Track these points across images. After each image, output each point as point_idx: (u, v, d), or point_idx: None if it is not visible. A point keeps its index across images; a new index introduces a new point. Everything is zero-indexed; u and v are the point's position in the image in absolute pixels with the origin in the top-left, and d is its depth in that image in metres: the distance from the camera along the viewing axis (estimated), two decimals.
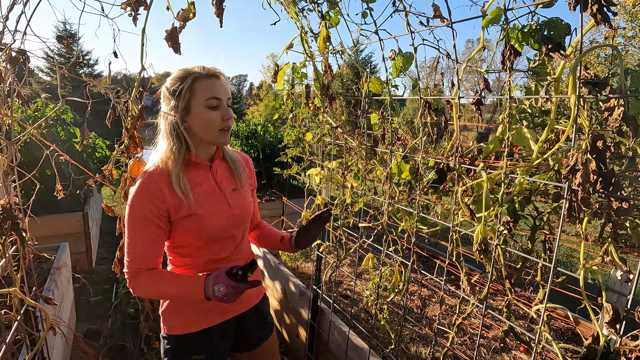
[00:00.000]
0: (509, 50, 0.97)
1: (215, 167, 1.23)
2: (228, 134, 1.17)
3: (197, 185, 1.17)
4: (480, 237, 1.04)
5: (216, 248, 1.21)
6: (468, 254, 1.66)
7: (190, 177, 1.16)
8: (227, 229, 1.20)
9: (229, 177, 1.27)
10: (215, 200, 1.18)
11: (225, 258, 1.24)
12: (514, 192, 1.16)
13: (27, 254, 1.29)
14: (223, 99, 1.13)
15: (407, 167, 1.41)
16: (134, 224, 1.08)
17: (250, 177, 1.36)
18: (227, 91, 1.16)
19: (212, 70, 1.14)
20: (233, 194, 1.24)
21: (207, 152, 1.21)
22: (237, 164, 1.29)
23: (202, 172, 1.20)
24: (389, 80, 1.51)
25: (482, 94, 1.11)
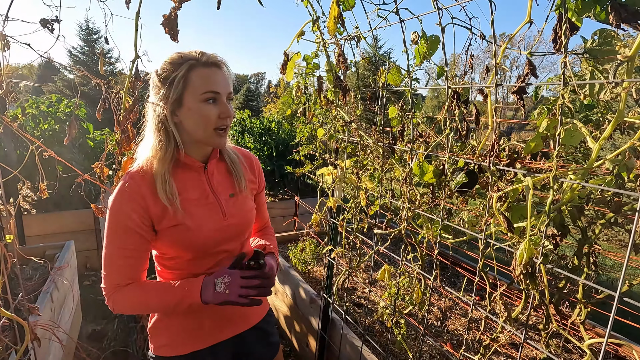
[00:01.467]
0: (565, 23, 0.77)
1: (211, 168, 1.06)
2: (224, 135, 1.00)
3: (187, 190, 1.01)
4: (525, 257, 0.85)
5: (209, 262, 1.04)
6: (501, 267, 1.46)
7: (180, 180, 1.00)
8: (220, 241, 1.03)
9: (227, 181, 1.09)
10: (207, 209, 1.02)
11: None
12: (563, 199, 0.95)
13: (8, 258, 1.17)
14: (222, 92, 0.96)
15: (431, 168, 1.22)
16: (113, 233, 0.94)
17: (254, 178, 1.18)
18: (228, 84, 0.99)
19: (213, 57, 0.98)
20: (230, 200, 1.07)
21: (201, 151, 1.05)
22: (236, 165, 1.11)
23: (194, 174, 1.04)
24: (410, 68, 1.32)
25: (525, 80, 0.91)
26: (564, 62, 0.78)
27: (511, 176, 1.10)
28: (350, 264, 1.93)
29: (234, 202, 1.07)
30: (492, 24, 0.92)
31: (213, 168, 1.07)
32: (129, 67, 1.36)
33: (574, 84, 0.78)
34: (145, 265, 1.00)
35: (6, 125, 1.28)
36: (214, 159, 1.08)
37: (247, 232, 1.13)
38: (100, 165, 1.33)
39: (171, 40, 1.37)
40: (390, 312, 1.74)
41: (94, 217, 3.64)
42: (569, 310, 2.18)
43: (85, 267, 3.69)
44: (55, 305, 1.96)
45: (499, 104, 1.01)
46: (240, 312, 1.12)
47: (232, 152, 1.14)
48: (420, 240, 1.64)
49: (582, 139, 1.01)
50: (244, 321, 1.14)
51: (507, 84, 0.97)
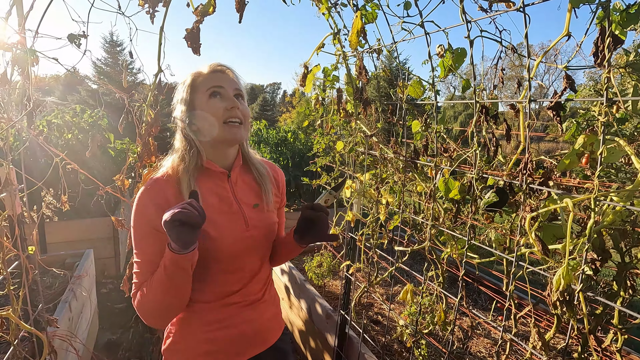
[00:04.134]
0: (608, 37, 0.72)
1: (234, 176, 1.04)
2: (238, 128, 0.96)
3: (211, 196, 0.98)
4: (562, 283, 0.79)
5: (228, 277, 1.00)
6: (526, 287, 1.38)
7: (203, 187, 0.98)
8: (241, 253, 1.00)
9: (252, 191, 1.06)
10: (230, 217, 0.99)
11: (239, 291, 1.03)
12: (603, 222, 0.89)
13: (30, 270, 1.18)
14: (226, 87, 0.98)
15: (457, 185, 1.17)
16: (137, 235, 0.92)
17: (279, 192, 1.15)
18: (234, 82, 1.00)
19: (214, 65, 1.02)
20: (254, 211, 1.03)
21: (224, 157, 1.02)
22: (264, 178, 1.08)
23: (217, 181, 1.01)
24: (435, 81, 1.29)
25: (562, 94, 0.86)
26: (607, 77, 0.74)
27: (544, 196, 1.05)
28: (369, 280, 1.87)
29: (259, 214, 1.04)
30: (526, 37, 0.88)
31: (237, 177, 1.05)
32: (152, 81, 1.38)
33: (619, 100, 0.73)
34: None
35: (32, 137, 1.31)
36: (238, 167, 1.05)
37: (268, 246, 1.09)
38: (122, 177, 1.33)
39: (193, 53, 1.38)
40: (411, 331, 1.67)
41: (113, 225, 3.69)
42: (601, 334, 2.06)
43: (102, 275, 3.74)
44: (73, 314, 1.98)
45: (532, 119, 0.96)
46: (259, 333, 1.07)
47: (259, 164, 1.11)
48: (442, 257, 1.58)
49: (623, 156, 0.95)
50: (262, 342, 1.09)
51: (540, 99, 0.93)
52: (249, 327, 1.04)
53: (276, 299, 1.18)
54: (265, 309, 1.09)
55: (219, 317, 1.01)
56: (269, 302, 1.12)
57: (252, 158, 1.10)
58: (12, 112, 1.21)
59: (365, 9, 1.43)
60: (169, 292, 0.86)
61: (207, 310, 1.00)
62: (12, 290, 1.11)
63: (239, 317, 1.03)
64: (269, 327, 1.11)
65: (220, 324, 1.00)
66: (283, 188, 1.16)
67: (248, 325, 1.04)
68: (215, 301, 1.01)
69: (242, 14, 1.27)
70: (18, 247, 1.16)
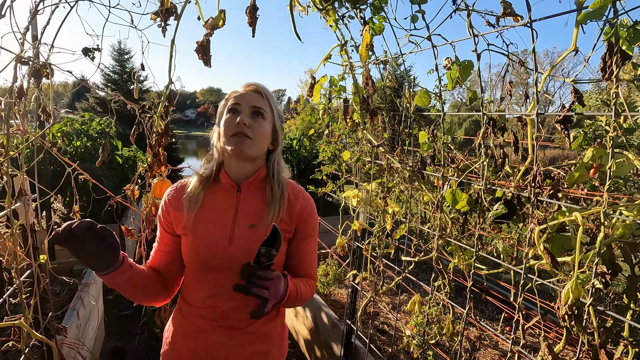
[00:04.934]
0: (616, 53, 0.73)
1: (245, 192, 1.03)
2: (241, 140, 0.96)
3: (212, 205, 1.02)
4: (571, 297, 0.79)
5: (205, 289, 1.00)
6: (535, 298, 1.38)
7: (212, 195, 1.03)
8: (220, 267, 0.97)
9: (257, 210, 1.01)
10: (217, 229, 0.98)
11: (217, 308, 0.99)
12: (613, 235, 0.89)
13: (41, 279, 1.20)
14: (242, 104, 1.00)
15: (464, 197, 1.17)
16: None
17: (290, 221, 1.03)
18: (255, 100, 1.01)
19: (246, 84, 1.06)
20: (247, 230, 0.99)
21: (239, 170, 1.03)
22: (274, 200, 1.01)
23: (225, 193, 1.03)
24: (442, 92, 1.30)
25: (570, 108, 0.87)
26: (615, 93, 0.74)
27: (554, 208, 1.05)
28: (375, 290, 1.87)
29: (249, 234, 0.98)
30: (534, 52, 0.89)
31: (248, 193, 1.03)
32: (163, 92, 1.40)
33: (629, 115, 0.73)
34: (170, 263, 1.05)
35: (41, 144, 1.33)
36: (254, 182, 1.04)
37: None
38: (132, 187, 1.35)
39: (204, 65, 1.41)
40: (418, 342, 1.66)
41: (120, 232, 3.72)
42: (611, 347, 2.03)
43: None
44: (80, 322, 1.99)
45: (540, 131, 0.97)
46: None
47: (280, 185, 1.04)
48: (450, 267, 1.58)
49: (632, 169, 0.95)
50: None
51: (549, 113, 0.93)
52: (220, 351, 0.99)
53: (272, 337, 1.06)
54: (245, 341, 1.01)
55: (195, 327, 1.01)
56: (256, 337, 1.03)
57: (276, 177, 1.05)
58: (27, 123, 1.24)
59: (372, 21, 1.45)
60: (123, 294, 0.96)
61: (193, 316, 1.02)
62: (24, 299, 1.12)
63: (212, 336, 1.00)
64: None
65: (197, 334, 1.00)
66: (299, 217, 1.04)
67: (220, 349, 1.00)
68: (198, 307, 1.01)
69: (254, 28, 1.30)
70: (30, 256, 1.18)
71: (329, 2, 1.46)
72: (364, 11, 1.46)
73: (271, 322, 1.06)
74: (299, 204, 1.04)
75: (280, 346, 1.10)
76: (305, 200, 1.06)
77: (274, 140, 1.06)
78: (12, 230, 1.11)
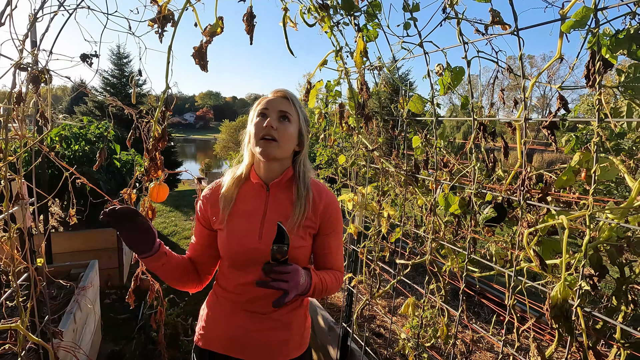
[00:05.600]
0: (598, 61, 0.75)
1: (273, 191, 1.11)
2: (269, 144, 1.04)
3: (244, 203, 1.10)
4: (559, 299, 0.81)
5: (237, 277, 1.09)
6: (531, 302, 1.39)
7: (244, 194, 1.12)
8: (250, 260, 1.05)
9: (284, 209, 1.09)
10: (248, 225, 1.08)
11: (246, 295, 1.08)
12: (600, 238, 0.91)
13: (38, 282, 1.21)
14: (270, 108, 1.07)
15: (456, 200, 1.19)
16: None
17: (315, 217, 1.11)
18: (282, 105, 1.09)
19: (275, 90, 1.14)
20: (274, 226, 1.02)
21: (268, 171, 1.11)
22: (300, 199, 1.08)
23: (255, 192, 1.12)
24: (434, 98, 1.32)
25: (557, 114, 0.89)
26: (598, 100, 0.76)
27: (543, 211, 1.07)
28: (371, 292, 1.88)
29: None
30: (521, 59, 0.91)
31: (276, 192, 1.11)
32: (160, 97, 1.42)
33: (611, 121, 0.76)
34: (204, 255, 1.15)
35: (39, 149, 1.35)
36: (282, 182, 1.12)
37: None
38: (129, 191, 1.37)
39: (201, 70, 1.43)
40: (413, 345, 1.68)
41: (117, 236, 3.72)
42: (605, 349, 2.04)
43: (106, 285, 3.75)
44: (77, 326, 1.99)
45: (528, 137, 0.99)
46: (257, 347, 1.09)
47: (305, 185, 1.11)
48: (444, 270, 1.59)
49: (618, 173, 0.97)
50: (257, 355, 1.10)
51: (537, 119, 0.96)
52: (244, 334, 1.09)
53: (292, 326, 1.13)
54: (268, 327, 1.09)
55: (225, 309, 1.12)
56: (278, 324, 1.10)
57: (302, 177, 1.12)
58: (25, 128, 1.25)
59: (367, 28, 1.47)
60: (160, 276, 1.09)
61: (225, 299, 1.13)
62: (20, 302, 1.13)
63: (239, 319, 1.10)
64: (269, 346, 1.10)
65: (226, 317, 1.11)
66: (323, 215, 1.11)
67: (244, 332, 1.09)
68: (229, 292, 1.11)
69: (252, 35, 1.32)
70: (27, 259, 1.19)
71: (324, 10, 1.48)
72: (358, 18, 1.49)
73: (293, 311, 1.14)
74: (323, 203, 1.11)
75: (302, 335, 1.16)
76: (328, 199, 1.13)
77: (300, 143, 1.13)
78: (9, 234, 1.13)
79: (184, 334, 2.75)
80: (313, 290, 1.02)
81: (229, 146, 23.92)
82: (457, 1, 1.04)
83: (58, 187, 1.29)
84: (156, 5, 1.32)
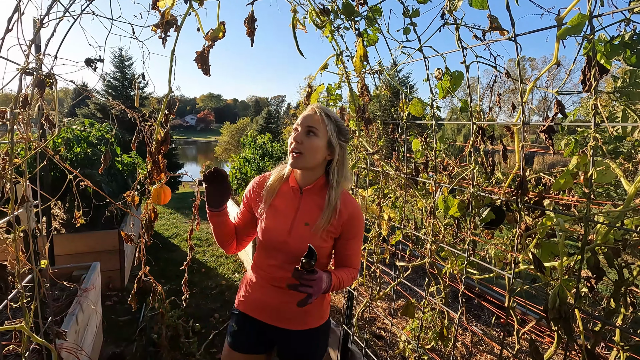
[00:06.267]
0: (594, 66, 0.77)
1: (306, 195, 1.28)
2: (297, 157, 1.21)
3: (281, 199, 1.29)
4: (557, 301, 0.82)
5: (274, 258, 1.26)
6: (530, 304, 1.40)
7: (282, 193, 1.30)
8: (277, 251, 1.25)
9: (314, 212, 1.26)
10: (281, 219, 1.26)
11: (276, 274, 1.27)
12: (596, 240, 0.92)
13: (42, 284, 1.22)
14: (301, 124, 1.23)
15: (456, 202, 1.21)
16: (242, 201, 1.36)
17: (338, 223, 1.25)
18: (311, 121, 1.22)
19: (311, 106, 1.28)
20: (302, 227, 1.25)
21: (302, 177, 1.28)
22: (328, 206, 1.23)
23: (291, 194, 1.30)
24: (433, 101, 1.34)
25: (554, 119, 0.90)
26: (594, 105, 0.78)
27: (539, 213, 1.08)
28: (371, 295, 1.89)
29: (304, 231, 1.23)
30: (518, 64, 0.92)
31: (308, 196, 1.28)
32: (163, 100, 1.44)
33: (607, 125, 0.77)
34: (246, 231, 1.37)
35: (43, 151, 1.37)
36: (315, 188, 1.27)
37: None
38: (132, 194, 1.38)
39: (203, 74, 1.45)
40: (413, 347, 1.68)
41: (119, 237, 3.73)
42: (605, 352, 2.04)
43: (107, 287, 3.76)
44: (79, 327, 2.00)
45: (526, 141, 1.00)
46: (283, 313, 1.29)
47: (336, 196, 1.25)
48: (444, 272, 1.60)
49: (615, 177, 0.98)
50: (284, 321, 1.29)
51: (534, 122, 0.97)
52: (273, 304, 1.29)
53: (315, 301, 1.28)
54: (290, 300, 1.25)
55: (260, 282, 1.32)
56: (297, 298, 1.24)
57: (334, 186, 1.25)
58: (30, 131, 1.27)
59: (367, 33, 1.49)
60: (214, 231, 1.32)
61: (258, 275, 1.32)
62: (24, 303, 1.14)
63: (268, 292, 1.30)
64: (291, 314, 1.29)
65: (260, 288, 1.32)
66: (346, 224, 1.25)
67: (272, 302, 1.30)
68: (262, 270, 1.30)
69: (252, 38, 1.34)
70: (32, 261, 1.21)
71: (324, 14, 1.50)
72: (359, 23, 1.51)
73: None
74: (347, 213, 1.25)
75: (320, 309, 1.34)
76: (353, 209, 1.26)
77: (331, 152, 1.25)
78: (14, 236, 1.14)
79: (185, 336, 2.76)
80: (332, 289, 1.19)
81: (230, 148, 23.95)
82: (456, 7, 1.06)
83: (62, 190, 1.31)
84: (157, 10, 1.34)
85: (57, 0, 1.18)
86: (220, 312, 3.38)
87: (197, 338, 2.74)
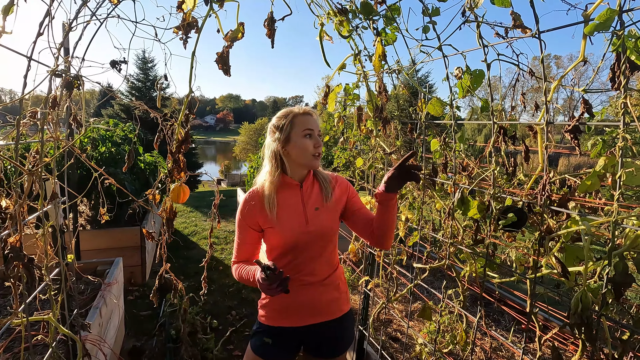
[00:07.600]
0: (623, 63, 0.74)
1: (305, 187, 1.39)
2: (318, 159, 1.36)
3: (285, 202, 1.35)
4: (580, 306, 0.79)
5: (295, 257, 1.34)
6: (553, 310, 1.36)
7: (282, 196, 1.35)
8: (302, 243, 1.32)
9: (317, 197, 1.39)
10: (294, 217, 1.34)
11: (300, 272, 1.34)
12: (625, 245, 0.88)
13: (68, 277, 1.27)
14: (314, 129, 1.33)
15: (475, 204, 1.18)
16: (238, 229, 1.37)
17: (342, 191, 1.44)
18: (318, 125, 1.37)
19: (307, 109, 1.37)
20: (314, 212, 1.36)
21: (299, 174, 1.38)
22: (327, 184, 1.41)
23: (292, 191, 1.37)
24: (453, 101, 1.31)
25: (580, 118, 0.87)
26: (624, 103, 0.75)
27: (564, 217, 1.04)
28: (388, 296, 1.88)
29: (317, 214, 1.36)
30: (542, 62, 0.90)
31: (307, 187, 1.39)
32: (184, 100, 1.47)
33: (638, 125, 0.74)
34: (253, 251, 1.37)
35: (70, 150, 1.42)
36: (308, 181, 1.40)
37: (326, 238, 1.37)
38: (153, 192, 1.42)
39: (224, 74, 1.47)
40: (430, 350, 1.66)
41: (141, 234, 3.84)
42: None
43: (129, 283, 3.87)
44: (103, 320, 2.07)
45: (550, 141, 0.97)
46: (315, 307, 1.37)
47: (325, 176, 1.44)
48: (462, 275, 1.57)
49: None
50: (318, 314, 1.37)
51: (559, 121, 0.94)
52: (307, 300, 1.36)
53: (339, 287, 1.43)
54: (323, 291, 1.38)
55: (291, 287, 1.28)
56: (329, 287, 1.39)
57: (320, 173, 1.43)
58: (59, 130, 1.33)
59: (385, 32, 1.48)
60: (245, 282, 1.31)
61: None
62: (52, 295, 1.19)
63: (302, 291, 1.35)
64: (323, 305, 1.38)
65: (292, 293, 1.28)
66: (346, 187, 1.45)
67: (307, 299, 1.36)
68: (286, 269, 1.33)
69: (273, 40, 1.35)
70: (59, 255, 1.26)
71: (342, 14, 1.50)
72: (377, 22, 1.50)
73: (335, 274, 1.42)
74: (337, 183, 1.44)
75: (346, 292, 1.46)
76: (337, 177, 1.47)
77: None
78: (43, 231, 1.19)
79: (203, 332, 2.81)
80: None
81: (248, 148, 24.21)
82: (477, 4, 1.04)
83: (87, 187, 1.35)
84: (181, 12, 1.37)
85: (85, 5, 1.23)
86: (237, 310, 3.43)
87: (215, 334, 2.79)
